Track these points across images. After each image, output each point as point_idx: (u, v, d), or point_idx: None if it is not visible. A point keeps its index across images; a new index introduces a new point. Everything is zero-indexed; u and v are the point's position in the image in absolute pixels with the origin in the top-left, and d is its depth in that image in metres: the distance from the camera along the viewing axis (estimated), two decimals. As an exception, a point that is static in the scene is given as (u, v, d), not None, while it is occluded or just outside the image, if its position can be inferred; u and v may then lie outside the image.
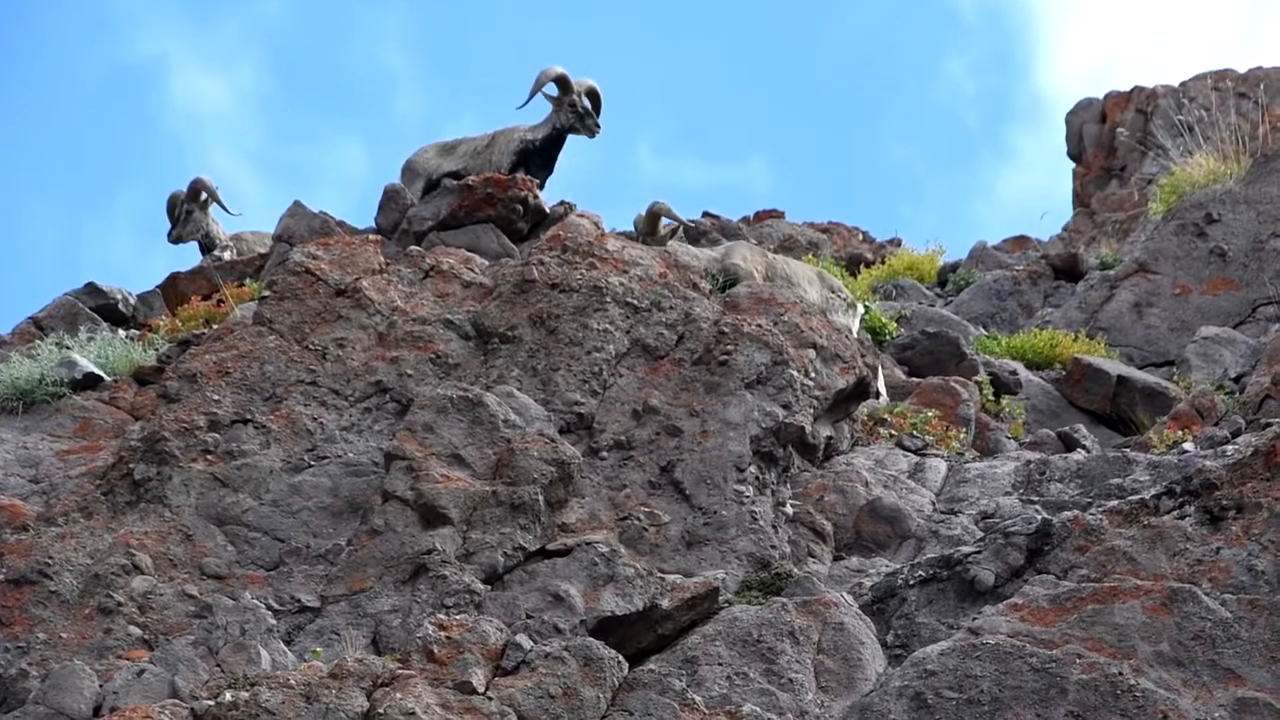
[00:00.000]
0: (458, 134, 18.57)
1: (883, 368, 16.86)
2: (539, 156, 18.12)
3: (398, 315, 13.75)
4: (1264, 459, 11.75)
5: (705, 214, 22.18)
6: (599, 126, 18.12)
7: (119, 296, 18.90)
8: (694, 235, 19.17)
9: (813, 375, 13.62)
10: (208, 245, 21.09)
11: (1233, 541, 11.48)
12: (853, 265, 23.39)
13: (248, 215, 21.93)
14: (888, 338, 18.26)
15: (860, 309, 17.41)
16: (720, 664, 11.40)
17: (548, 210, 17.56)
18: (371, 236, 14.69)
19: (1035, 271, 21.53)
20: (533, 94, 18.05)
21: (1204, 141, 21.26)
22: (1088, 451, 15.38)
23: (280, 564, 12.36)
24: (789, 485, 13.28)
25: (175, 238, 21.06)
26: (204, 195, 21.01)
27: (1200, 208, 19.87)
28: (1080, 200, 30.77)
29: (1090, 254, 22.17)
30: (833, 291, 17.04)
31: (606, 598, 11.85)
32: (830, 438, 14.14)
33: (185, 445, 12.88)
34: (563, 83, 18.12)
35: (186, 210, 20.97)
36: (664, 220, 16.86)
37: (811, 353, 13.77)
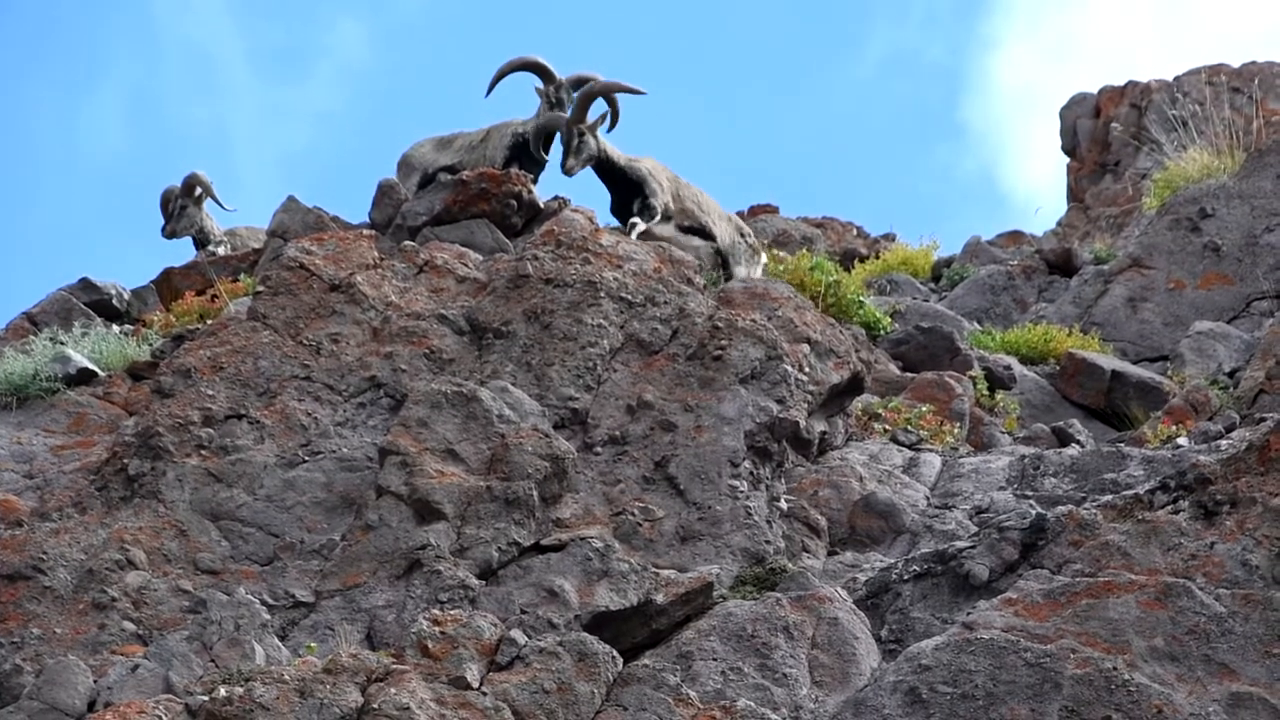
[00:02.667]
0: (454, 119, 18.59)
1: (876, 362, 16.88)
2: (530, 149, 18.13)
3: (392, 310, 13.75)
4: (1258, 454, 11.76)
5: (699, 209, 22.14)
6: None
7: (113, 292, 18.90)
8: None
9: (807, 370, 13.63)
10: (202, 240, 21.07)
11: (1227, 536, 11.49)
12: (847, 260, 23.39)
13: (243, 210, 21.90)
14: (882, 333, 18.26)
15: (764, 258, 17.53)
16: (715, 659, 11.40)
17: (542, 205, 17.58)
18: (366, 232, 14.69)
19: (1029, 266, 21.54)
20: (495, 82, 18.14)
21: (1198, 136, 21.27)
22: (1082, 446, 15.39)
23: (274, 559, 12.36)
24: (783, 480, 13.28)
25: (169, 233, 21.02)
26: (198, 190, 20.98)
27: (1194, 202, 19.88)
28: (1074, 195, 30.79)
29: (1084, 249, 22.19)
30: (741, 235, 17.14)
31: (601, 593, 11.85)
32: (825, 433, 14.15)
33: (179, 440, 12.87)
34: (542, 72, 18.15)
35: (180, 205, 20.94)
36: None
37: (806, 348, 13.78)
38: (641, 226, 16.86)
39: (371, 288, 13.89)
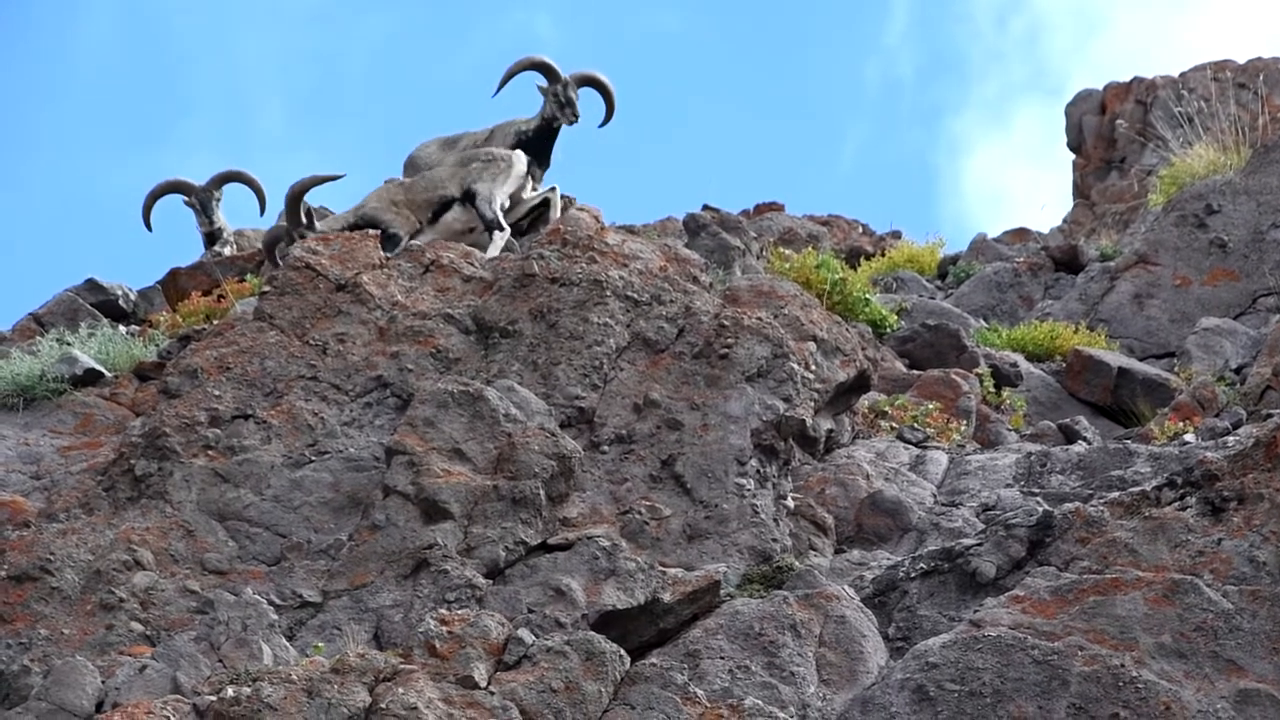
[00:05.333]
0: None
1: (882, 360, 16.87)
2: (533, 148, 18.15)
3: (398, 310, 13.75)
4: (1265, 450, 11.75)
5: (705, 207, 22.19)
6: (576, 116, 18.20)
7: (119, 292, 18.89)
8: (694, 228, 19.17)
9: (813, 368, 13.62)
10: (211, 239, 20.95)
11: (1234, 533, 11.48)
12: (853, 258, 23.38)
13: (247, 211, 21.76)
14: (888, 330, 18.26)
15: (517, 160, 17.18)
16: (722, 657, 11.40)
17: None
18: (371, 231, 14.69)
19: (1035, 263, 21.53)
20: (504, 82, 18.20)
21: (1204, 132, 21.26)
22: (1089, 443, 15.38)
23: (282, 559, 12.37)
24: (790, 478, 13.28)
25: (212, 234, 20.60)
26: (218, 193, 20.62)
27: (1200, 199, 19.87)
28: (1080, 192, 30.78)
29: (1090, 246, 22.17)
30: (469, 165, 16.96)
31: (608, 591, 11.85)
32: (831, 430, 14.15)
33: (186, 441, 12.88)
34: (548, 71, 18.19)
35: (204, 200, 20.49)
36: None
37: (812, 345, 13.78)
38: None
39: (377, 287, 13.89)
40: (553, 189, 17.39)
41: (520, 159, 17.11)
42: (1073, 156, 31.63)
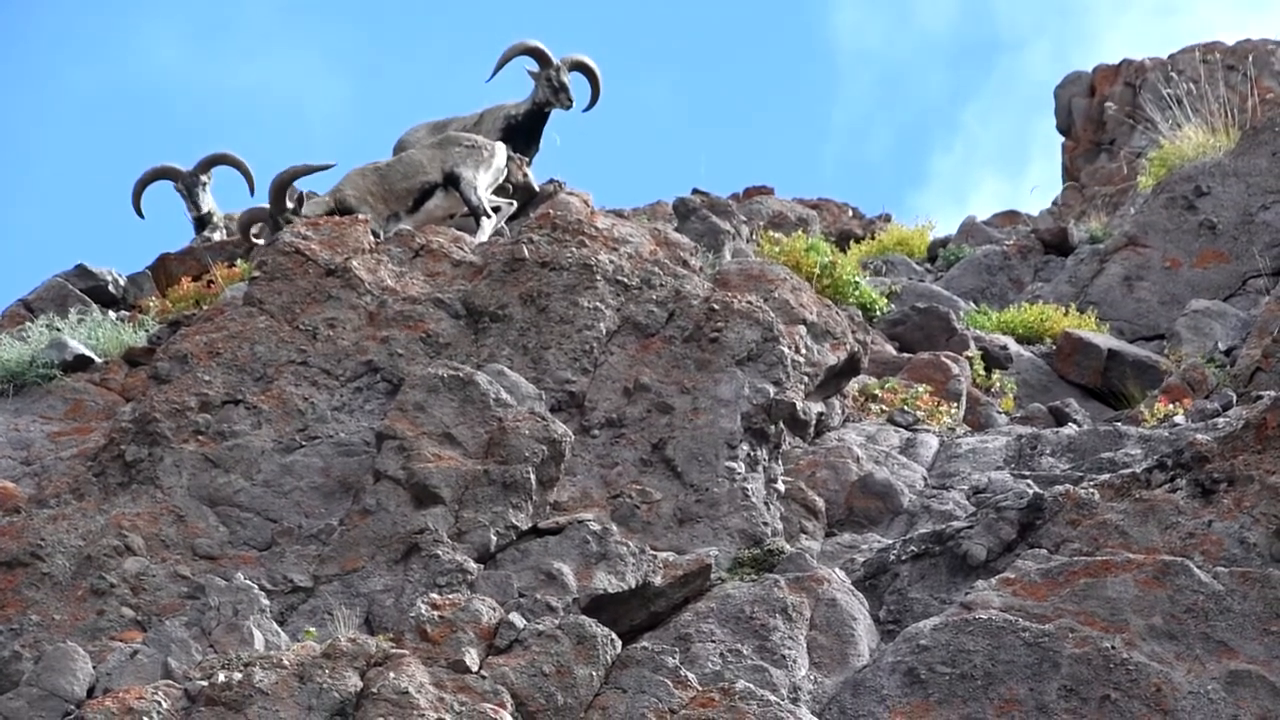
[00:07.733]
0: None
1: (872, 343, 16.88)
2: (522, 132, 18.16)
3: (388, 295, 13.74)
4: (1255, 432, 11.76)
5: (695, 190, 22.18)
6: (571, 101, 18.21)
7: (109, 278, 18.84)
8: (684, 212, 19.16)
9: (803, 351, 13.63)
10: (201, 224, 20.85)
11: (1224, 514, 11.49)
12: (843, 241, 23.39)
13: (238, 194, 21.70)
14: (878, 313, 18.27)
15: (499, 151, 17.00)
16: (713, 641, 11.41)
17: (537, 188, 17.57)
18: (361, 216, 14.67)
19: (1025, 246, 21.54)
20: (498, 68, 18.20)
21: (1193, 114, 21.26)
22: (1079, 425, 15.39)
23: (272, 544, 12.36)
24: (780, 462, 13.28)
25: (201, 219, 20.43)
26: (205, 177, 20.46)
27: (1189, 181, 19.88)
28: (1070, 174, 30.78)
29: (1080, 228, 22.18)
30: (453, 148, 16.84)
31: (599, 575, 11.85)
32: (821, 414, 14.16)
33: (176, 426, 12.87)
34: (540, 56, 18.19)
35: (190, 184, 20.30)
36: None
37: (802, 329, 13.78)
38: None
39: (367, 272, 13.88)
40: (510, 203, 17.26)
41: (502, 151, 17.07)
42: (1062, 139, 31.63)
